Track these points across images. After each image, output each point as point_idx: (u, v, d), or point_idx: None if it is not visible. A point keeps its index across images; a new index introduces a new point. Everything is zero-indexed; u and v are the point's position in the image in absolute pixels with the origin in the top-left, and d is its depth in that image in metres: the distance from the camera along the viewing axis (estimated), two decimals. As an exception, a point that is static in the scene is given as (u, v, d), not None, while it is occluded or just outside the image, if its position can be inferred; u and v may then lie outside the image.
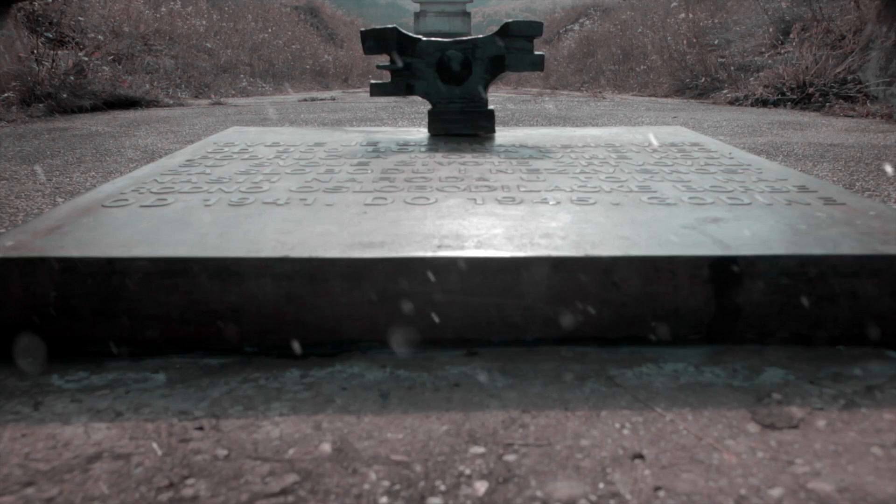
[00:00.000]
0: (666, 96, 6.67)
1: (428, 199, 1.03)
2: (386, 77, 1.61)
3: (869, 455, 0.61)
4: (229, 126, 3.55)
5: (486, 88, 1.59)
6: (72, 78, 4.51)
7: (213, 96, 6.47)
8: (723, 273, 0.79)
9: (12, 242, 0.84)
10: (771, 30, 6.74)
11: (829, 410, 0.68)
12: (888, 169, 2.15)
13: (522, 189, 1.09)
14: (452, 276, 0.78)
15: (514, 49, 1.55)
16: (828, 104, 4.35)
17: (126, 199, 1.05)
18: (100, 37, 6.21)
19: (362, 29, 1.59)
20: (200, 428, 0.66)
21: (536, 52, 1.55)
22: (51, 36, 5.59)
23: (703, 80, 6.28)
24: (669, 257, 0.79)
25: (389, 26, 1.58)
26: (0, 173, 2.21)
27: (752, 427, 0.66)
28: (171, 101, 5.29)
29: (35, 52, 4.72)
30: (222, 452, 0.62)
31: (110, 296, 0.79)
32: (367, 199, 1.03)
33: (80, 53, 5.09)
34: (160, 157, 2.50)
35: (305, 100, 6.04)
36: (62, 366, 0.79)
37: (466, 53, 1.56)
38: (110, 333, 0.80)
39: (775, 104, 4.71)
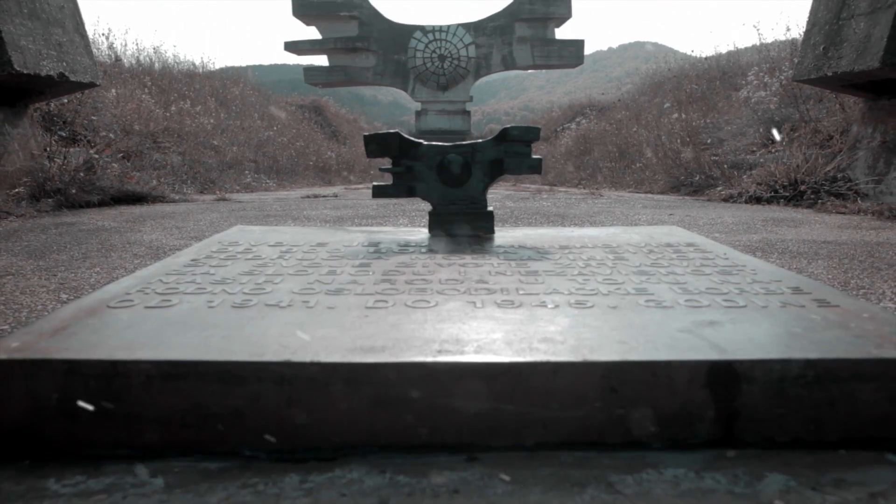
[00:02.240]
0: (662, 193, 6.81)
1: (428, 302, 1.04)
2: (388, 178, 1.66)
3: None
4: (233, 222, 3.62)
5: (485, 191, 1.63)
6: (81, 174, 4.63)
7: (217, 192, 6.61)
8: (720, 378, 0.80)
9: (17, 343, 0.85)
10: (761, 130, 6.96)
11: (833, 520, 0.68)
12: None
13: (521, 292, 1.11)
14: (452, 380, 0.79)
15: (512, 153, 1.60)
16: (820, 201, 4.44)
17: (131, 300, 1.06)
18: (111, 135, 6.41)
19: (366, 133, 1.65)
20: (197, 538, 0.65)
21: (534, 156, 1.61)
22: (64, 134, 5.77)
23: (698, 177, 6.43)
24: (666, 362, 0.80)
25: (392, 131, 1.64)
26: (7, 268, 2.24)
27: (756, 538, 0.65)
28: (177, 197, 5.40)
29: (48, 149, 4.87)
30: (218, 564, 0.61)
31: (112, 398, 0.80)
32: (368, 301, 1.05)
33: (91, 151, 5.24)
34: (165, 253, 2.54)
35: (308, 196, 6.16)
36: (59, 469, 0.79)
37: (466, 157, 1.61)
38: (110, 436, 0.80)
39: (769, 201, 4.81)
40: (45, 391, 0.80)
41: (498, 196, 5.95)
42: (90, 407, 0.79)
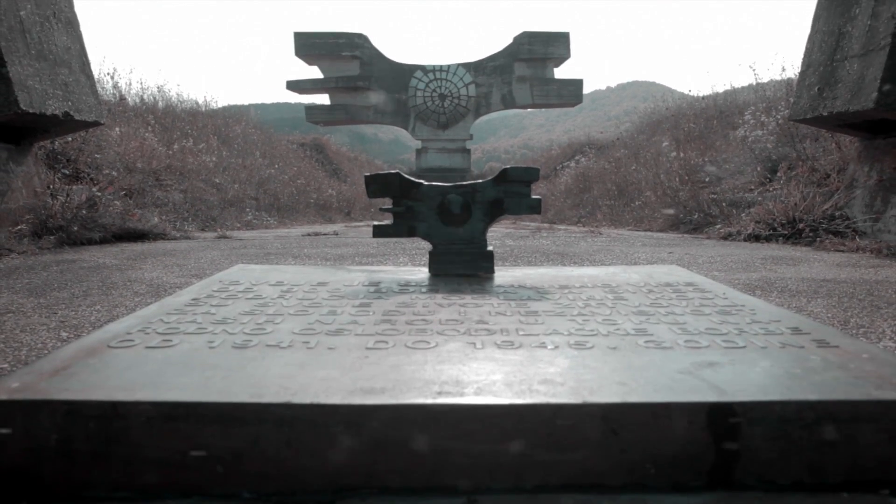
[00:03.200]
0: (661, 231, 6.84)
1: (428, 342, 1.05)
2: (388, 218, 1.67)
3: None
4: (234, 260, 3.63)
5: (485, 230, 1.65)
6: (84, 211, 4.65)
7: (218, 229, 6.64)
8: (720, 419, 0.80)
9: (18, 384, 0.85)
10: (759, 168, 7.02)
11: (836, 566, 0.67)
12: None
13: (521, 332, 1.11)
14: (452, 422, 0.79)
15: (512, 193, 1.62)
16: (818, 239, 4.46)
17: (132, 340, 1.07)
18: (114, 172, 6.46)
19: (367, 173, 1.67)
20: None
21: (534, 197, 1.62)
22: (67, 172, 5.82)
23: (697, 215, 6.47)
24: (666, 404, 0.80)
25: (392, 171, 1.66)
26: (8, 306, 2.24)
27: (758, 584, 0.64)
28: (178, 234, 5.42)
29: (51, 186, 4.90)
30: None
31: (111, 439, 0.79)
32: (368, 342, 1.05)
33: (94, 188, 5.28)
34: (165, 291, 2.55)
35: (309, 234, 6.18)
36: (56, 512, 0.78)
37: (466, 197, 1.63)
38: (109, 478, 0.80)
39: (767, 239, 4.83)
40: (44, 432, 0.80)
41: (498, 234, 5.97)
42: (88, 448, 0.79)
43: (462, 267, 1.65)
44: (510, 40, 10.58)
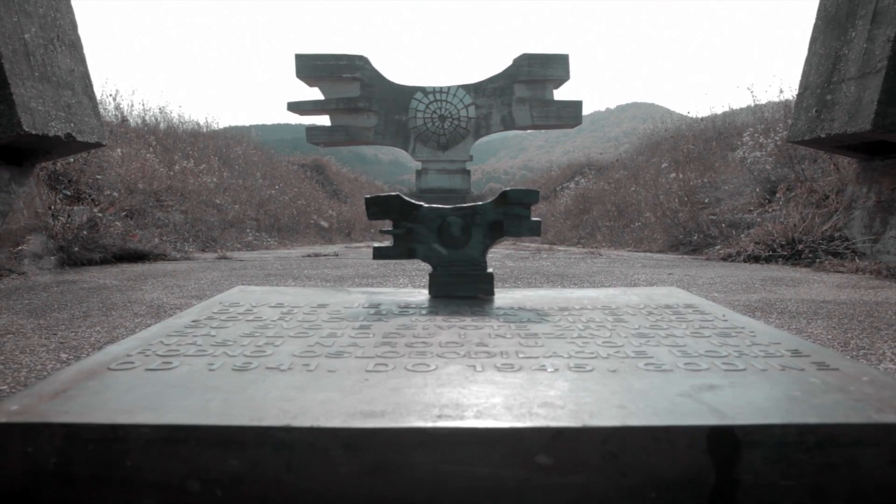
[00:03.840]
0: (661, 251, 6.84)
1: (428, 365, 1.05)
2: (388, 239, 1.68)
3: None
4: (234, 281, 3.63)
5: (485, 252, 1.65)
6: (85, 232, 4.67)
7: (219, 250, 6.65)
8: (721, 443, 0.80)
9: (17, 407, 0.85)
10: (758, 189, 7.04)
11: (838, 592, 0.67)
12: None
13: (521, 355, 1.11)
14: (452, 446, 0.79)
15: (511, 215, 1.62)
16: (818, 260, 4.47)
17: (132, 362, 1.07)
18: (115, 193, 6.48)
19: (367, 196, 1.68)
20: None
21: (534, 219, 1.63)
22: (69, 193, 5.84)
23: (696, 236, 6.48)
24: (666, 427, 0.80)
25: (392, 193, 1.67)
26: (7, 327, 2.24)
27: None
28: (179, 255, 5.43)
29: (52, 207, 4.92)
30: None
31: (110, 462, 0.79)
32: (368, 364, 1.05)
33: (95, 209, 5.30)
34: (165, 312, 2.55)
35: (309, 255, 6.19)
36: (54, 537, 0.78)
37: (466, 219, 1.63)
38: (107, 501, 0.80)
39: (767, 260, 4.83)
40: (43, 455, 0.80)
41: (498, 255, 5.98)
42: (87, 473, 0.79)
43: (462, 289, 1.65)
44: (510, 62, 10.65)
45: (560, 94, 12.08)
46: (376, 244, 1.71)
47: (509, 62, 10.66)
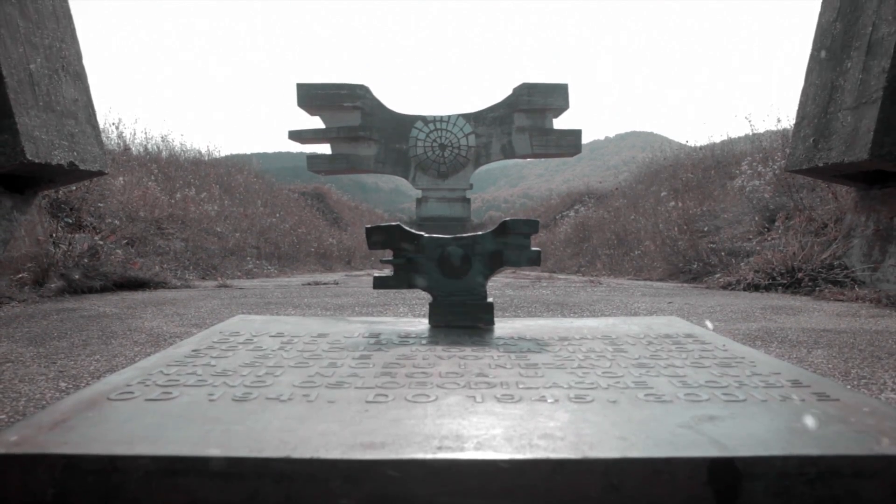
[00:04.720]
0: (661, 280, 6.84)
1: (428, 396, 1.05)
2: (388, 268, 1.68)
3: None
4: (234, 310, 3.63)
5: (485, 282, 1.66)
6: (85, 260, 4.67)
7: (219, 278, 6.65)
8: (721, 474, 0.80)
9: (16, 437, 0.85)
10: (757, 218, 7.06)
11: None
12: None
13: (521, 386, 1.11)
14: (452, 478, 0.79)
15: (511, 245, 1.63)
16: (817, 288, 4.46)
17: (132, 392, 1.07)
18: (116, 221, 6.50)
19: (368, 226, 1.69)
20: None
21: (533, 248, 1.64)
22: (70, 220, 5.86)
23: (696, 264, 6.48)
24: (667, 459, 0.80)
25: (393, 223, 1.68)
26: (7, 355, 2.24)
27: None
28: (179, 283, 5.43)
29: (53, 235, 4.93)
30: None
31: (110, 494, 0.79)
32: (368, 395, 1.05)
33: (96, 237, 5.31)
34: (165, 340, 2.54)
35: (309, 283, 6.18)
36: (51, 571, 0.77)
37: (466, 249, 1.64)
38: (104, 534, 0.79)
39: (767, 288, 4.83)
40: (41, 486, 0.79)
41: (498, 284, 5.97)
42: (87, 504, 0.78)
43: (462, 318, 1.65)
44: (509, 91, 10.74)
45: (560, 122, 12.17)
46: (377, 273, 1.71)
47: (509, 91, 10.75)
